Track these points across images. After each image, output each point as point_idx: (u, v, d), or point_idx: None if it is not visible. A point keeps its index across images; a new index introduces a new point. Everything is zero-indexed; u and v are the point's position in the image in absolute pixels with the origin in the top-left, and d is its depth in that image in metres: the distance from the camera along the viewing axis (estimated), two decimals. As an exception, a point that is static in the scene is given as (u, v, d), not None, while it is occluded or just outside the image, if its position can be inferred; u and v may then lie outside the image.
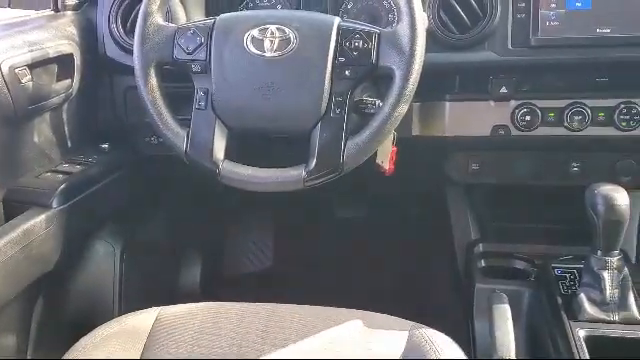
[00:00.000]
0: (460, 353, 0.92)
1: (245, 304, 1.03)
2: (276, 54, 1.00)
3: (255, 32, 1.01)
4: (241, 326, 0.97)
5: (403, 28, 0.97)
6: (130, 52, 1.10)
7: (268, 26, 1.01)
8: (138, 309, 1.03)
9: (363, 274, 1.78)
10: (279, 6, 1.32)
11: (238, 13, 1.23)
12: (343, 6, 1.29)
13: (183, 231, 1.78)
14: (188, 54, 1.03)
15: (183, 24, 1.06)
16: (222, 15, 1.06)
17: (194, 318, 0.99)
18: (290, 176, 1.00)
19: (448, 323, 1.09)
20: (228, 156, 1.04)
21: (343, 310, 1.01)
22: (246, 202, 1.77)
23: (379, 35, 0.98)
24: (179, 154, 1.04)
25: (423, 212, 1.73)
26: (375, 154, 1.09)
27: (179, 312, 1.01)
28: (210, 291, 1.77)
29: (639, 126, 1.17)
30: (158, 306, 1.03)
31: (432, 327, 0.96)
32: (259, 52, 1.00)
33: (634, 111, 1.17)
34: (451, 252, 1.45)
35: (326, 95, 0.99)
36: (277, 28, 1.01)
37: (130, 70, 1.07)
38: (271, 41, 1.01)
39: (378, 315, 1.00)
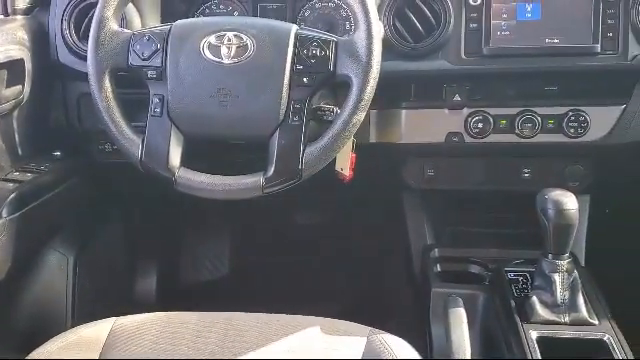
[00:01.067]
0: (417, 356, 0.93)
1: (203, 313, 1.02)
2: (233, 61, 1.00)
3: (212, 39, 1.01)
4: (199, 336, 0.96)
5: (360, 37, 0.98)
6: (84, 58, 1.08)
7: (225, 33, 1.01)
8: (92, 320, 1.01)
9: (321, 280, 1.79)
10: (236, 13, 1.32)
11: (194, 19, 1.23)
12: (300, 14, 1.30)
13: (138, 240, 1.75)
14: (143, 60, 1.02)
15: (138, 30, 1.05)
16: (178, 21, 1.05)
17: (151, 328, 0.98)
18: (248, 183, 1.00)
19: (406, 328, 1.10)
20: (184, 163, 1.03)
21: (302, 317, 1.01)
22: (203, 210, 1.75)
23: (336, 43, 0.99)
24: (134, 162, 1.03)
25: (380, 218, 1.75)
26: (334, 161, 1.10)
27: (135, 322, 0.99)
28: (166, 300, 1.75)
29: (586, 133, 1.21)
30: (113, 316, 1.01)
31: (390, 332, 0.98)
32: (216, 59, 1.00)
33: (582, 118, 1.21)
34: (408, 257, 1.47)
35: (284, 102, 0.99)
36: (234, 35, 1.01)
37: (83, 76, 1.05)
38: (228, 48, 1.00)
39: (336, 321, 1.01)
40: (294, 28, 1.02)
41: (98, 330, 0.98)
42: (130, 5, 1.20)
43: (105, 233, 1.61)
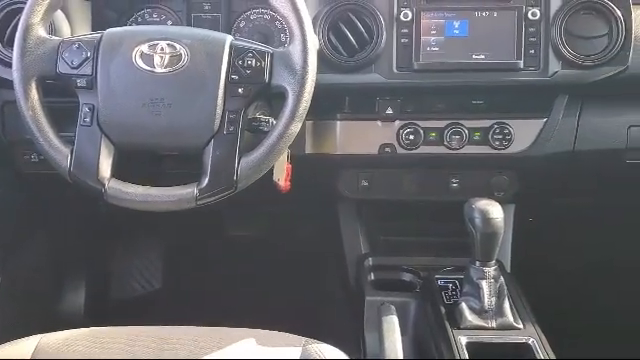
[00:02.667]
0: None
1: (134, 327, 0.99)
2: (166, 70, 0.99)
3: (144, 47, 0.99)
4: (131, 351, 0.94)
5: (295, 49, 0.99)
6: (8, 65, 1.04)
7: (158, 42, 1.00)
8: (16, 337, 0.96)
9: (256, 292, 1.78)
10: (169, 22, 1.30)
11: (126, 28, 1.21)
12: (235, 25, 1.30)
13: (65, 253, 1.69)
14: (73, 68, 0.99)
15: (68, 38, 1.02)
16: (110, 29, 1.03)
17: (78, 345, 0.95)
18: (182, 194, 0.99)
19: (341, 336, 1.11)
20: (115, 175, 1.01)
21: (236, 330, 1.01)
22: (134, 222, 1.71)
23: (272, 55, 1.00)
24: (62, 173, 1.00)
25: (316, 228, 1.76)
26: (271, 171, 1.11)
27: (61, 339, 0.96)
28: (95, 316, 1.69)
29: (510, 145, 1.26)
30: (38, 334, 0.97)
31: (325, 341, 0.98)
32: (149, 68, 0.99)
33: (506, 131, 1.26)
34: (343, 267, 1.48)
35: (219, 112, 0.99)
36: (168, 44, 1.00)
37: (8, 84, 1.01)
38: (161, 57, 0.99)
39: (271, 333, 1.01)
40: (229, 38, 1.02)
41: (22, 348, 0.94)
42: (59, 12, 1.16)
43: (31, 246, 1.54)
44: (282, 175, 1.14)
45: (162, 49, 0.99)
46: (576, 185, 1.41)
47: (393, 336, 1.08)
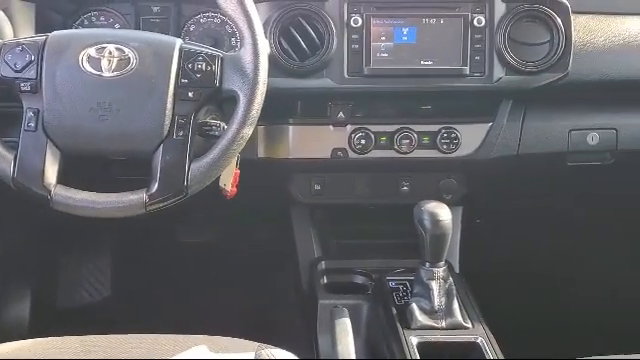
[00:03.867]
0: None
1: (83, 337, 0.97)
2: (114, 74, 0.97)
3: (92, 51, 0.98)
4: (81, 361, 0.92)
5: (246, 53, 0.99)
6: None
7: (106, 45, 0.98)
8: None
9: (209, 298, 1.76)
10: (117, 25, 1.28)
11: (73, 31, 1.18)
12: (185, 28, 1.29)
13: (9, 262, 1.63)
14: (16, 72, 0.97)
15: (10, 40, 0.99)
16: (55, 32, 1.01)
17: (26, 356, 0.91)
18: (131, 200, 0.97)
19: (294, 340, 1.11)
20: (62, 181, 0.98)
21: (188, 336, 1.00)
22: (82, 229, 1.67)
23: (222, 59, 1.00)
24: (5, 179, 0.97)
25: (269, 233, 1.76)
26: (219, 177, 1.10)
27: (4, 352, 0.92)
28: (41, 326, 1.64)
29: (458, 149, 1.29)
30: None
31: (279, 346, 0.98)
32: (96, 72, 0.97)
33: (453, 135, 1.29)
34: (296, 271, 1.49)
35: (168, 117, 0.98)
36: (115, 47, 0.98)
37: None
38: (109, 60, 0.98)
39: (224, 338, 1.00)
40: (178, 42, 1.01)
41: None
42: (0, 14, 1.13)
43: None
44: (229, 181, 1.13)
45: (110, 52, 0.98)
46: (521, 187, 1.46)
47: (346, 339, 1.09)
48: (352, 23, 1.21)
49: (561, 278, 1.74)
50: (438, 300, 1.12)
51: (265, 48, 1.01)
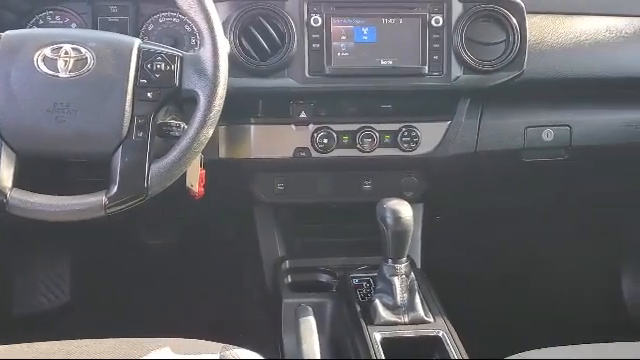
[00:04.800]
0: None
1: (41, 343, 0.95)
2: (71, 74, 0.96)
3: (47, 51, 0.96)
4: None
5: (206, 52, 0.99)
6: None
7: (62, 45, 0.97)
8: None
9: (173, 300, 1.74)
10: (74, 25, 1.26)
11: (27, 30, 1.16)
12: (143, 28, 1.28)
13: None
14: None
15: None
16: (8, 31, 0.98)
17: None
18: (89, 203, 0.96)
19: (259, 340, 1.12)
20: (18, 184, 0.96)
21: (151, 339, 0.99)
22: (40, 233, 1.63)
23: (182, 58, 0.99)
24: (-42, 183, 0.94)
25: (232, 233, 1.75)
26: (184, 177, 1.09)
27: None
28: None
29: (418, 147, 1.31)
30: None
31: (244, 346, 0.98)
32: (52, 72, 0.95)
33: (413, 134, 1.30)
34: (260, 271, 1.49)
35: (127, 117, 0.96)
36: (72, 47, 0.97)
37: None
38: (65, 61, 0.96)
39: (187, 340, 0.99)
40: (137, 42, 1.00)
41: None
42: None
43: None
44: (195, 181, 1.12)
45: (66, 53, 0.96)
46: (479, 184, 1.49)
47: (310, 337, 1.09)
48: (312, 22, 1.21)
49: (519, 272, 1.78)
50: (400, 296, 1.14)
51: (225, 47, 1.01)
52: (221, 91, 0.98)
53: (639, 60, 1.34)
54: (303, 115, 1.28)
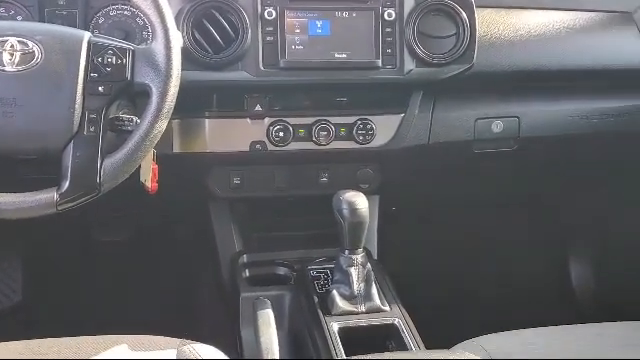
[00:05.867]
0: None
1: None
2: (17, 69, 0.93)
3: None
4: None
5: (158, 46, 0.98)
6: None
7: (7, 38, 0.94)
8: None
9: (130, 297, 1.72)
10: (20, 17, 1.22)
11: (-31, 23, 1.11)
12: (93, 21, 1.25)
13: None
14: None
15: None
16: None
17: None
18: (40, 200, 0.94)
19: (218, 335, 1.11)
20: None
21: (108, 337, 0.97)
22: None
23: (133, 52, 0.98)
24: None
25: (188, 228, 1.74)
26: (138, 173, 1.08)
27: None
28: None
29: (373, 140, 1.32)
30: None
31: (203, 341, 0.98)
32: None
33: (368, 126, 1.32)
34: (217, 265, 1.48)
35: (78, 112, 0.95)
36: (18, 41, 0.94)
37: None
38: (11, 55, 0.94)
39: (145, 337, 0.98)
40: (86, 35, 0.98)
41: None
42: None
43: None
44: (149, 176, 1.11)
45: (12, 46, 0.94)
46: (432, 175, 1.52)
47: (268, 329, 1.10)
48: (266, 15, 1.21)
49: (471, 259, 1.83)
50: (357, 286, 1.16)
51: (178, 41, 1.00)
52: (174, 84, 0.98)
53: (584, 53, 1.38)
54: (258, 108, 1.28)
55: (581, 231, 1.86)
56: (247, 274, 1.39)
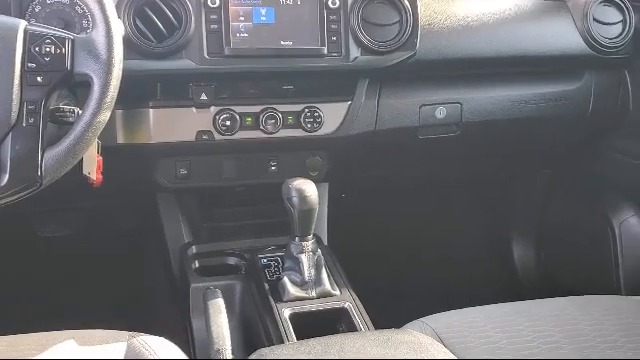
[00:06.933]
0: (179, 353, 0.95)
1: None
2: None
3: None
4: None
5: (98, 34, 0.95)
6: None
7: None
8: None
9: (79, 292, 1.68)
10: (-52, 5, 1.17)
11: None
12: (30, 9, 1.20)
13: None
14: None
15: None
16: None
17: None
18: None
19: (169, 327, 1.11)
20: None
21: (55, 333, 0.95)
22: None
23: (73, 41, 0.95)
24: None
25: (135, 221, 1.71)
26: (81, 165, 1.05)
27: None
28: None
29: (321, 127, 1.33)
30: None
31: (154, 334, 0.97)
32: None
33: (316, 114, 1.32)
34: (166, 257, 1.47)
35: (15, 104, 0.91)
36: None
37: None
38: (-59, 44, 0.89)
39: (94, 331, 0.97)
40: (22, 23, 0.95)
41: None
42: None
43: None
44: (92, 168, 1.08)
45: (-59, 36, 0.90)
46: (380, 161, 1.54)
47: (219, 318, 1.09)
48: (209, 3, 1.20)
49: (419, 243, 1.88)
50: (308, 272, 1.17)
51: (119, 29, 0.98)
52: (116, 74, 0.95)
53: (522, 40, 1.42)
54: (204, 97, 1.27)
55: (522, 213, 1.93)
56: (197, 265, 1.38)
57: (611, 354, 0.94)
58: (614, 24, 1.45)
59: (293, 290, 1.16)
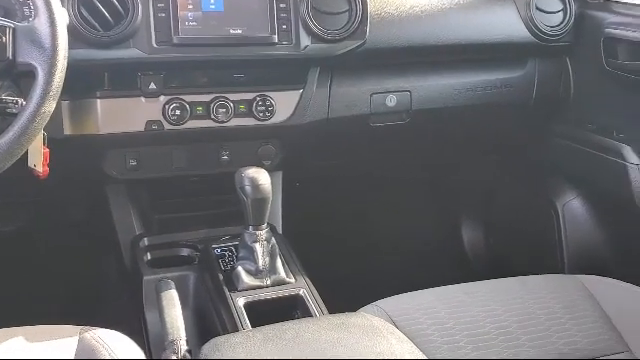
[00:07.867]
0: (132, 346, 0.94)
1: None
2: None
3: None
4: None
5: (41, 23, 0.93)
6: None
7: None
8: None
9: (28, 288, 1.64)
10: None
11: None
12: (-35, -3, 1.16)
13: None
14: None
15: None
16: None
17: None
18: None
19: (122, 320, 1.09)
20: None
21: (4, 330, 0.93)
22: None
23: (14, 29, 0.92)
24: None
25: (85, 213, 1.67)
26: (27, 158, 1.03)
27: None
28: None
29: (273, 116, 1.33)
30: None
31: (107, 327, 0.96)
32: None
33: (268, 103, 1.32)
34: (117, 250, 1.44)
35: None
36: None
37: None
38: None
39: (44, 327, 0.95)
40: None
41: None
42: None
43: None
44: (39, 160, 1.06)
45: None
46: (333, 149, 1.56)
47: (172, 310, 1.09)
48: None
49: (372, 230, 1.91)
50: (262, 260, 1.17)
51: (63, 18, 0.95)
52: (61, 64, 0.93)
53: (467, 29, 1.45)
54: (153, 87, 1.25)
55: (471, 198, 1.98)
56: (149, 257, 1.36)
57: (556, 330, 0.99)
58: (556, 13, 1.50)
59: (247, 279, 1.16)
